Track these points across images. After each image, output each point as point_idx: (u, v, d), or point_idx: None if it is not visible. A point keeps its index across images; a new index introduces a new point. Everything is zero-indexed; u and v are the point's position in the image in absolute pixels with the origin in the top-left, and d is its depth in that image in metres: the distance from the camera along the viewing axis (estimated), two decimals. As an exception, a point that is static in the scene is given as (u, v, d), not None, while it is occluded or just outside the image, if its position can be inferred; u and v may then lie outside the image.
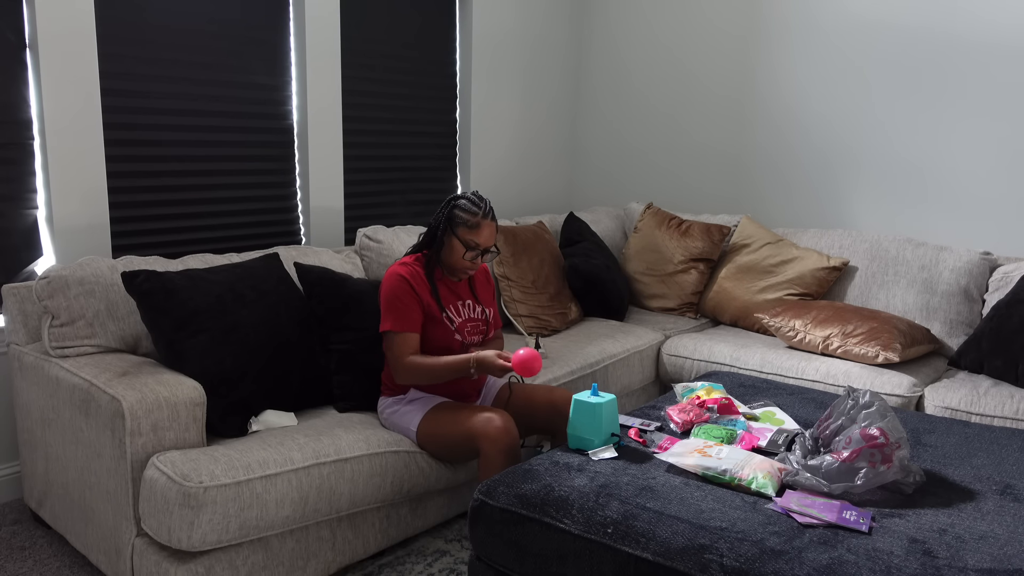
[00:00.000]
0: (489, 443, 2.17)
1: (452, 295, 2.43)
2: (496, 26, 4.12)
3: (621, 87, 4.54)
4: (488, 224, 2.35)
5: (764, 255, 3.62)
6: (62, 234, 2.71)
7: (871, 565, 1.50)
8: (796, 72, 3.92)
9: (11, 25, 2.57)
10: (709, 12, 4.17)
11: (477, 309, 2.47)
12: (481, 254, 2.37)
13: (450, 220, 2.35)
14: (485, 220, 2.34)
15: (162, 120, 2.94)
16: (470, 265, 2.37)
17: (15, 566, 2.31)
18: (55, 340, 2.27)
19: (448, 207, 2.37)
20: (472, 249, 2.34)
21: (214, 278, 2.35)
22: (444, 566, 2.35)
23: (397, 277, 2.32)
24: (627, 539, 1.64)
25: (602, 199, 4.72)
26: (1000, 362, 2.89)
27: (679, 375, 3.36)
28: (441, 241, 2.36)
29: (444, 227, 2.36)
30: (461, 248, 2.34)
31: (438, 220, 2.38)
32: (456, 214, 2.34)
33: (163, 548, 1.97)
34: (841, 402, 1.94)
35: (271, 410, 2.34)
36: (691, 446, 1.97)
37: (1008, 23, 3.33)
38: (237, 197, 3.21)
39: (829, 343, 3.04)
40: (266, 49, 3.22)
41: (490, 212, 2.36)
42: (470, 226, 2.33)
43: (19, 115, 2.62)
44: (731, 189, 4.21)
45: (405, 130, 3.82)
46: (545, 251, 3.53)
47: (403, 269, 2.35)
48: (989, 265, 3.26)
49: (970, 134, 3.47)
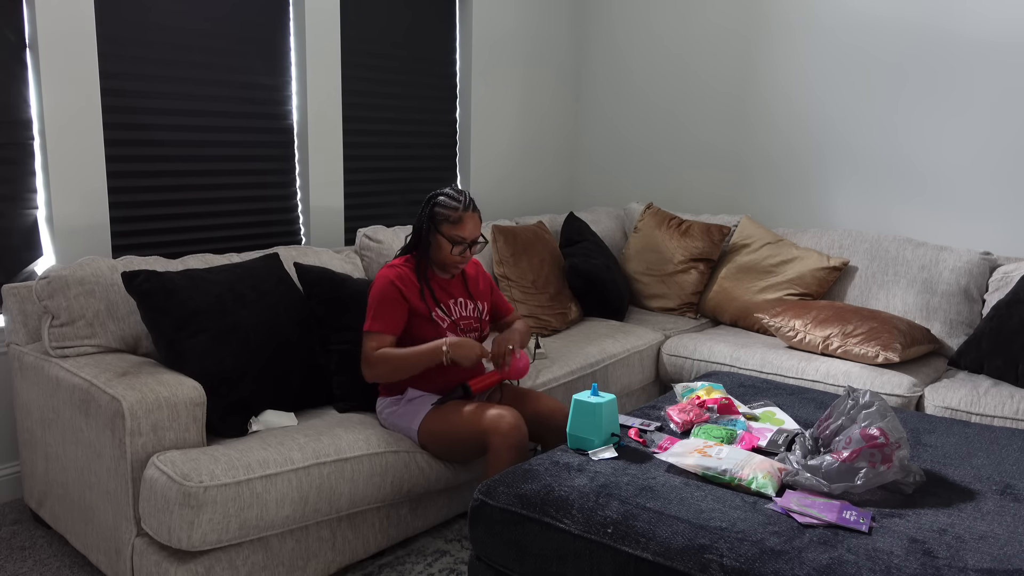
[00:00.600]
0: (500, 438, 2.18)
1: (444, 294, 2.43)
2: (496, 25, 4.12)
3: (621, 87, 4.54)
4: (471, 216, 2.36)
5: (764, 255, 3.62)
6: (62, 234, 2.71)
7: (871, 565, 1.50)
8: (797, 72, 3.92)
9: (11, 25, 2.57)
10: (709, 12, 4.16)
11: (470, 306, 2.48)
12: (468, 247, 2.37)
13: (432, 218, 2.36)
14: (467, 213, 2.35)
15: (162, 120, 2.95)
16: (460, 259, 2.38)
17: (15, 566, 2.31)
18: (55, 340, 2.27)
19: (429, 206, 2.38)
20: (458, 243, 2.35)
21: (214, 278, 2.36)
22: (444, 566, 2.35)
23: (385, 280, 2.34)
24: (627, 539, 1.64)
25: (602, 199, 4.72)
26: (1000, 362, 2.89)
27: (679, 375, 3.36)
28: (427, 240, 2.38)
29: (428, 226, 2.37)
30: (448, 244, 2.35)
31: (421, 220, 2.39)
32: (437, 212, 2.35)
33: (163, 548, 1.97)
34: (841, 402, 1.94)
35: (271, 410, 2.34)
36: (691, 446, 1.98)
37: (1012, 22, 3.32)
38: (237, 197, 3.21)
39: (829, 343, 3.04)
40: (266, 49, 3.22)
41: (471, 204, 2.37)
42: (452, 221, 2.34)
43: (19, 115, 2.62)
44: (731, 189, 4.21)
45: (405, 130, 3.82)
46: (545, 251, 3.53)
47: (392, 272, 2.36)
48: (989, 265, 3.26)
49: (971, 134, 3.47)
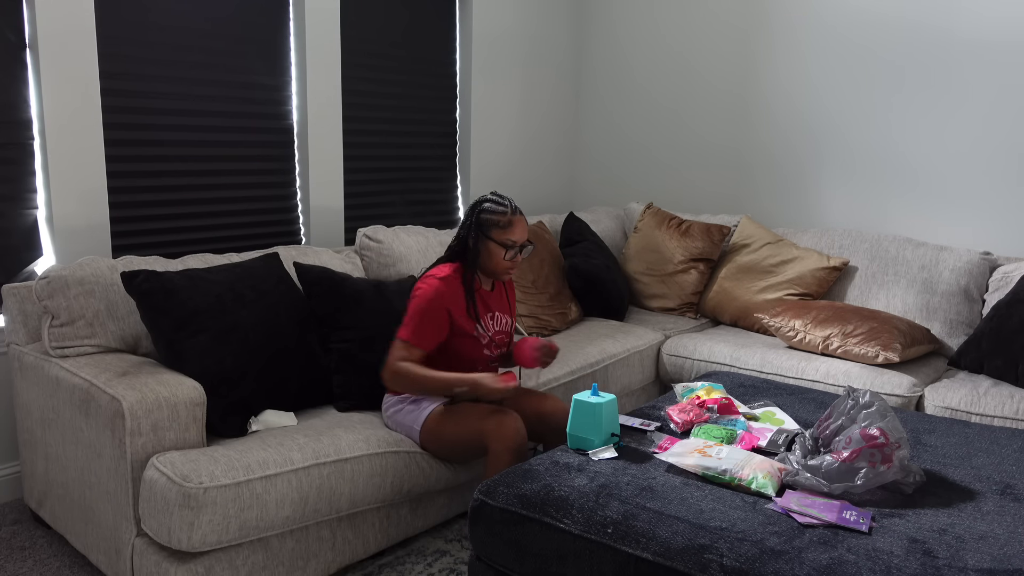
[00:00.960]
0: (500, 442, 2.18)
1: (485, 308, 2.42)
2: (496, 25, 4.12)
3: (621, 86, 4.54)
4: (519, 219, 2.35)
5: (764, 255, 3.62)
6: (62, 234, 2.71)
7: (871, 565, 1.50)
8: (797, 72, 3.92)
9: (11, 25, 2.57)
10: (710, 11, 4.16)
11: (503, 320, 2.47)
12: (520, 250, 2.37)
13: (480, 226, 2.33)
14: (515, 216, 2.34)
15: (162, 120, 2.95)
16: (511, 265, 2.37)
17: (15, 566, 2.31)
18: (55, 340, 2.27)
19: (475, 214, 2.35)
20: (511, 248, 2.33)
21: (214, 278, 2.35)
22: (444, 566, 2.35)
23: (436, 291, 2.29)
24: (627, 539, 1.64)
25: (602, 199, 4.71)
26: (1000, 362, 2.89)
27: (679, 375, 3.36)
28: (476, 249, 2.35)
29: (476, 235, 2.34)
30: (500, 250, 2.33)
31: (467, 230, 2.36)
32: (485, 219, 2.33)
33: (163, 548, 1.97)
34: (841, 402, 1.94)
35: (271, 410, 2.34)
36: (691, 446, 1.97)
37: (1012, 22, 3.32)
38: (237, 197, 3.21)
39: (829, 343, 3.04)
40: (266, 49, 3.22)
41: (517, 208, 2.36)
42: (502, 226, 2.32)
43: (19, 115, 2.62)
44: (731, 189, 4.21)
45: (405, 130, 3.82)
46: (545, 251, 3.53)
47: (443, 284, 2.31)
48: (989, 265, 3.26)
49: (971, 134, 3.47)
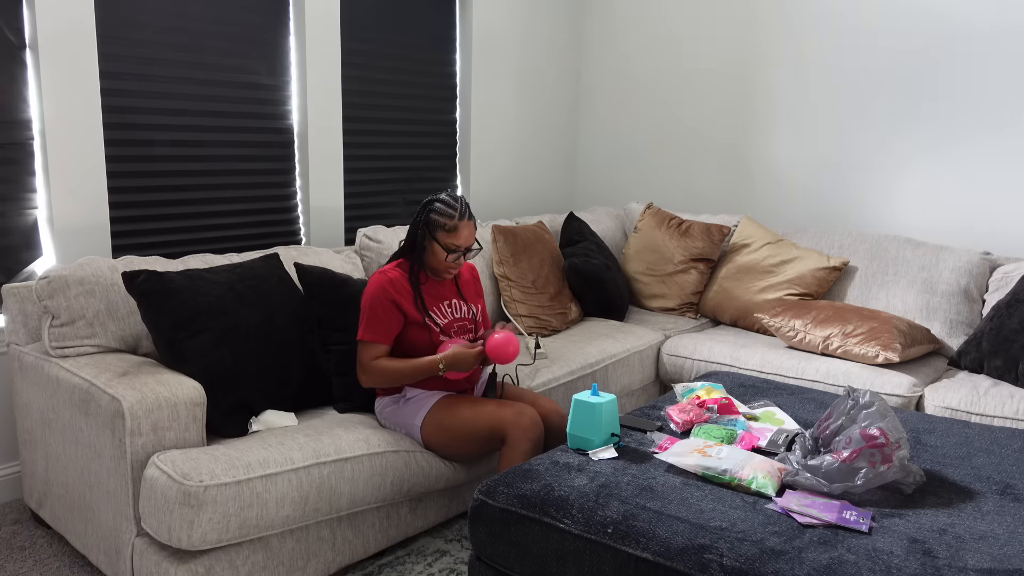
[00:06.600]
0: (520, 432, 2.20)
1: (437, 297, 2.42)
2: (495, 25, 4.12)
3: (621, 86, 4.54)
4: (466, 224, 2.34)
5: (764, 255, 3.62)
6: (62, 234, 2.71)
7: (871, 565, 1.50)
8: (797, 71, 3.92)
9: (11, 25, 2.57)
10: (710, 11, 4.16)
11: (463, 308, 2.47)
12: (463, 254, 2.37)
13: (428, 225, 2.34)
14: (463, 221, 2.33)
15: (162, 120, 2.94)
16: (454, 266, 2.38)
17: (15, 566, 2.31)
18: (55, 340, 2.27)
19: (424, 212, 2.35)
20: (453, 251, 2.34)
21: (214, 278, 2.36)
22: (444, 566, 2.35)
23: (378, 287, 2.33)
24: (627, 539, 1.64)
25: (602, 199, 4.71)
26: (1000, 362, 2.89)
27: (679, 375, 3.36)
28: (422, 246, 2.37)
29: (423, 232, 2.35)
30: (442, 252, 2.34)
31: (416, 225, 2.37)
32: (433, 219, 2.33)
33: (163, 548, 1.97)
34: (841, 402, 1.94)
35: (271, 410, 2.34)
36: (691, 446, 1.97)
37: (1013, 21, 3.32)
38: (237, 197, 3.21)
39: (829, 343, 3.04)
40: (266, 49, 3.22)
41: (467, 212, 2.35)
42: (448, 229, 2.32)
43: (19, 115, 2.62)
44: (731, 189, 4.21)
45: (405, 130, 3.82)
46: (545, 251, 3.53)
47: (384, 278, 2.34)
48: (989, 265, 3.26)
49: (971, 134, 3.47)
